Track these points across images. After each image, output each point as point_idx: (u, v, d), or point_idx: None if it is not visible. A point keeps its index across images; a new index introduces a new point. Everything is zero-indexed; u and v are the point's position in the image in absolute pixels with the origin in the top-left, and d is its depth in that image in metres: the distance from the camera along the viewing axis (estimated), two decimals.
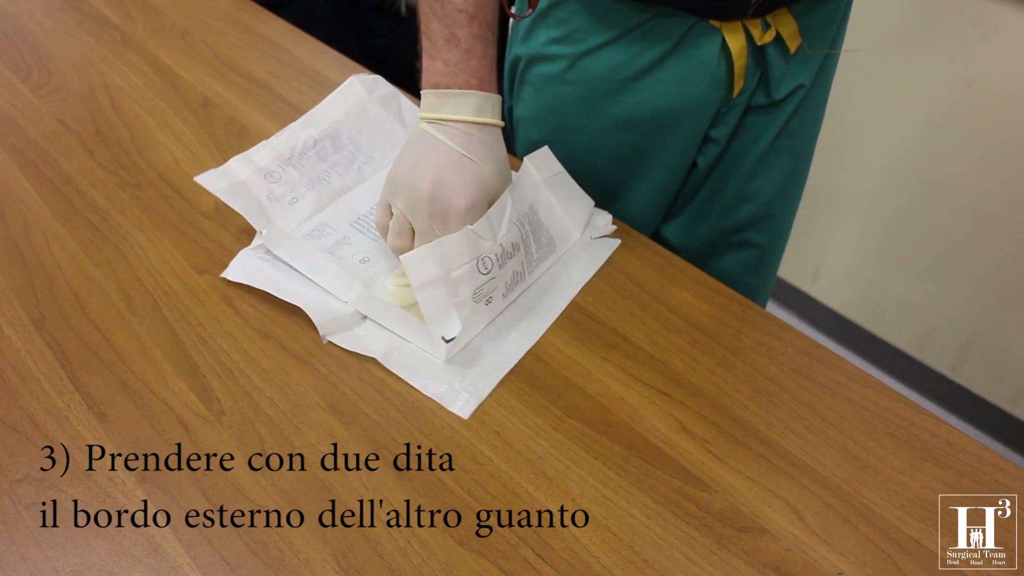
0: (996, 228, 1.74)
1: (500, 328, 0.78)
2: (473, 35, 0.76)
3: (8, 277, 0.80)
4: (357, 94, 1.00)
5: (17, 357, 0.72)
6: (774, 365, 0.75)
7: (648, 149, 0.98)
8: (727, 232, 1.08)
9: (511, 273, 0.78)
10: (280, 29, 1.27)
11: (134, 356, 0.73)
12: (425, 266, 0.72)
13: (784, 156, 1.02)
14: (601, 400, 0.71)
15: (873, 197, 1.94)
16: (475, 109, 0.77)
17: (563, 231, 0.86)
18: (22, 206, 0.89)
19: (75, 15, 1.27)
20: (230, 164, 0.89)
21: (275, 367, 0.72)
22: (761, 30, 0.89)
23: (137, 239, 0.85)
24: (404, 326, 0.76)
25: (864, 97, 1.84)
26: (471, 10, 0.76)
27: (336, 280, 0.79)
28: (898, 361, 2.06)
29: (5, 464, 0.64)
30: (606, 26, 0.90)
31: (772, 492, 0.65)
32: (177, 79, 1.12)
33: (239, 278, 0.79)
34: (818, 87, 1.00)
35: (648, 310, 0.80)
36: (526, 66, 0.99)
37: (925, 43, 1.69)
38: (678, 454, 0.67)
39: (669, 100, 0.93)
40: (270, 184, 0.88)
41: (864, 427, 0.70)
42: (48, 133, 1.00)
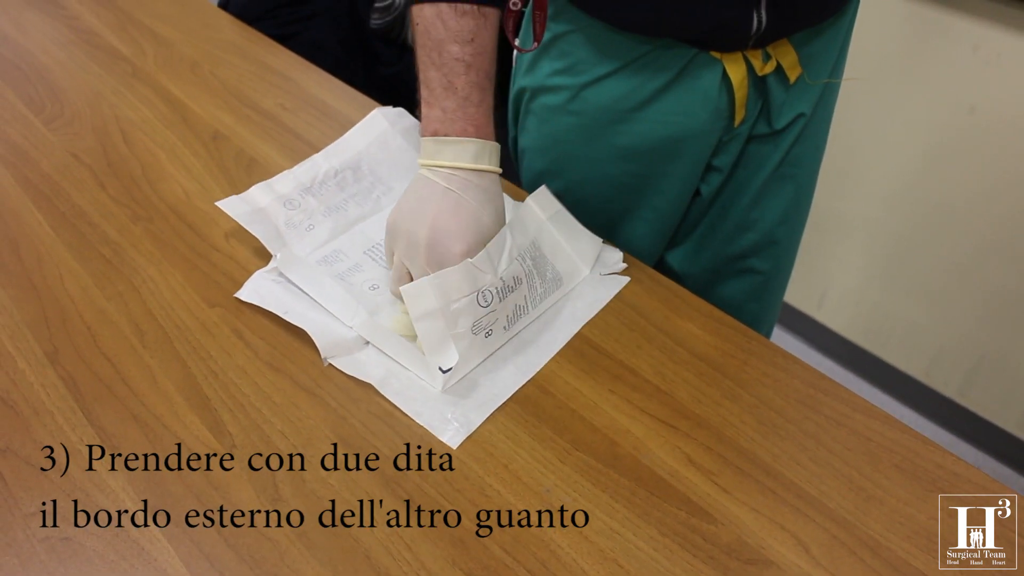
0: (1000, 251, 1.74)
1: (498, 360, 0.79)
2: (470, 83, 0.78)
3: (22, 310, 0.81)
4: (380, 126, 1.01)
5: (31, 390, 0.73)
6: (779, 396, 0.76)
7: (651, 178, 0.99)
8: (730, 259, 1.09)
9: (513, 307, 0.79)
10: (288, 61, 1.28)
11: (146, 389, 0.73)
12: (424, 298, 0.74)
13: (786, 184, 1.03)
14: (608, 432, 0.71)
15: (878, 222, 1.94)
16: (473, 156, 0.78)
17: (571, 267, 0.87)
18: (35, 240, 0.90)
19: (87, 48, 1.29)
20: (251, 191, 0.91)
21: (285, 400, 0.73)
22: (762, 61, 0.91)
23: (149, 272, 0.86)
24: (404, 354, 0.77)
25: (868, 123, 1.85)
26: (468, 59, 0.77)
27: (343, 305, 0.81)
28: (905, 385, 2.06)
29: (19, 497, 0.64)
30: (608, 58, 0.91)
31: (778, 524, 0.65)
32: (187, 111, 1.13)
33: (251, 299, 0.81)
34: (819, 115, 1.01)
35: (654, 342, 0.80)
36: (530, 97, 1.01)
37: (927, 69, 1.70)
38: (684, 486, 0.68)
39: (671, 130, 0.94)
40: (288, 211, 0.91)
41: (870, 458, 0.71)
42: (61, 166, 1.01)
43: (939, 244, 1.85)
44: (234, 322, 0.80)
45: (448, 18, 0.77)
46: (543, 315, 0.84)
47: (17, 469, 0.66)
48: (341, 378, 0.75)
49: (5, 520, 0.63)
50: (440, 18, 0.77)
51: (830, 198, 1.99)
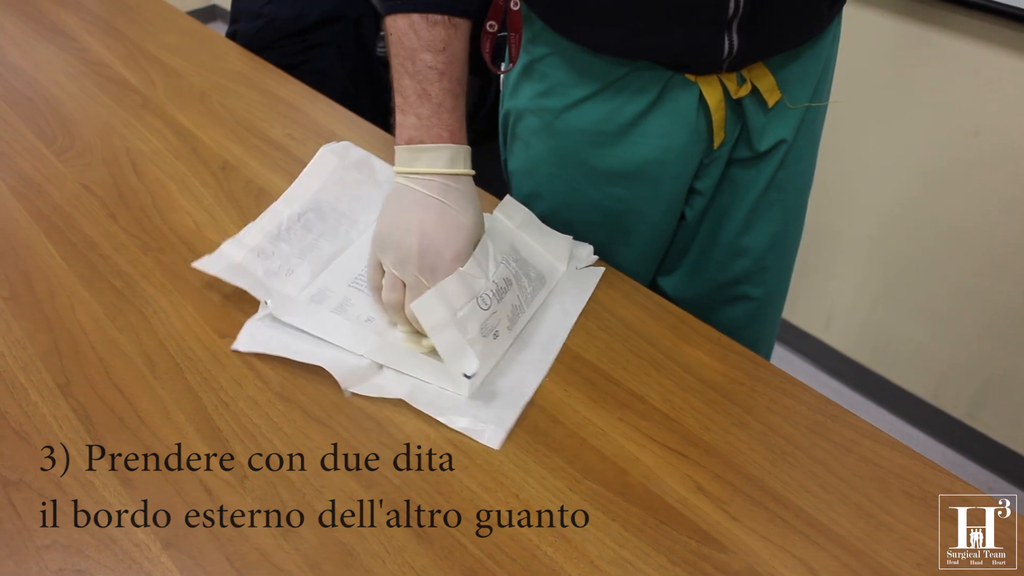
0: (1007, 272, 1.75)
1: (508, 362, 0.81)
2: (443, 90, 0.80)
3: (35, 342, 0.82)
4: (330, 164, 1.03)
5: (43, 422, 0.74)
6: (788, 423, 0.76)
7: (635, 202, 1.01)
8: (723, 286, 1.10)
9: (510, 307, 0.82)
10: (296, 90, 1.30)
11: (158, 421, 0.74)
12: (434, 310, 0.76)
13: (774, 209, 1.04)
14: (617, 461, 0.72)
15: (884, 243, 1.95)
16: (449, 161, 0.80)
17: (548, 266, 0.91)
18: (47, 271, 0.91)
19: (97, 79, 1.31)
20: (223, 248, 0.90)
21: (296, 431, 0.73)
22: (737, 84, 0.92)
23: (160, 303, 0.87)
24: (423, 370, 0.79)
25: (873, 145, 1.85)
26: (441, 67, 0.80)
27: (349, 336, 0.82)
28: (913, 407, 2.06)
29: (32, 530, 0.65)
30: (587, 80, 0.93)
31: (788, 552, 0.65)
32: (196, 142, 1.15)
33: (250, 348, 0.81)
34: (803, 139, 1.02)
35: (662, 369, 0.81)
36: (515, 120, 1.03)
37: (930, 92, 1.71)
38: (695, 514, 0.68)
39: (652, 153, 0.96)
40: (264, 261, 0.90)
41: (879, 485, 0.71)
42: (72, 198, 1.02)
43: (945, 265, 1.85)
44: (245, 353, 0.81)
45: (420, 28, 0.79)
46: (535, 315, 0.87)
47: (30, 502, 0.67)
48: (352, 409, 0.76)
49: (20, 553, 0.63)
50: (413, 28, 0.79)
51: (836, 219, 2.00)
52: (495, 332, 0.80)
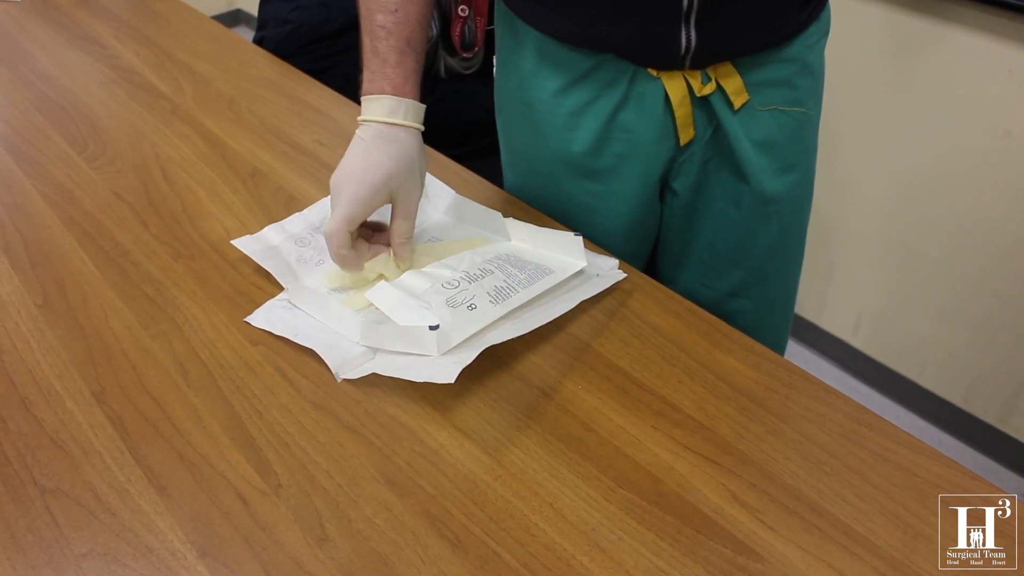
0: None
1: (499, 324, 0.83)
2: (389, 47, 0.86)
3: (69, 350, 0.82)
4: None
5: (79, 430, 0.74)
6: (823, 432, 0.75)
7: (608, 197, 1.02)
8: (726, 295, 1.11)
9: (492, 287, 0.83)
10: (323, 96, 1.30)
11: (192, 429, 0.74)
12: (389, 294, 0.83)
13: (770, 223, 1.04)
14: (652, 470, 0.71)
15: (913, 247, 1.93)
16: (387, 111, 0.86)
17: (557, 261, 0.91)
18: (80, 279, 0.91)
19: (127, 86, 1.31)
20: (265, 231, 0.97)
21: (330, 439, 0.73)
22: (700, 81, 0.93)
23: (192, 311, 0.87)
24: (403, 341, 0.80)
25: (903, 148, 1.84)
26: (389, 26, 0.86)
27: (349, 323, 0.84)
28: (944, 412, 2.04)
29: (70, 538, 0.65)
30: (559, 72, 0.96)
31: (826, 563, 0.65)
32: (226, 148, 1.15)
33: (261, 324, 0.85)
34: (793, 147, 1.01)
35: (696, 377, 0.80)
36: (499, 113, 1.08)
37: (962, 93, 1.70)
38: (730, 524, 0.67)
39: (621, 147, 0.98)
40: (300, 248, 0.95)
41: (916, 494, 0.70)
42: (103, 205, 1.03)
43: (975, 269, 1.83)
44: (277, 360, 0.81)
45: None
46: (540, 299, 0.86)
47: (68, 510, 0.67)
48: (385, 417, 0.76)
49: (58, 561, 0.64)
50: None
51: (865, 223, 1.98)
52: (471, 304, 0.81)
